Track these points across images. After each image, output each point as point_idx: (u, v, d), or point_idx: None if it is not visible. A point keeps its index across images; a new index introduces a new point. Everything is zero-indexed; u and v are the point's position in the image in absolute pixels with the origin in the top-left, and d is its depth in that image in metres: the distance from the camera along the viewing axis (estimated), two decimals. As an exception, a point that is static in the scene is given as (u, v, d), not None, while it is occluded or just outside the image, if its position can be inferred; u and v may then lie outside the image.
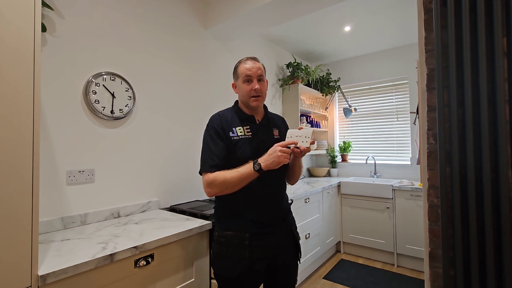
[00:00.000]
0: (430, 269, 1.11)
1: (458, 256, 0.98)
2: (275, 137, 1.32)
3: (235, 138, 1.23)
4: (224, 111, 1.33)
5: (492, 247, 0.92)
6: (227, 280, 1.19)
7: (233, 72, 1.31)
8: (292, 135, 1.19)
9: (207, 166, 1.18)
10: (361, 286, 2.44)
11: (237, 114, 1.29)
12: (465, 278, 0.98)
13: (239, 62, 1.29)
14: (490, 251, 0.92)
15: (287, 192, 1.37)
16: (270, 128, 1.33)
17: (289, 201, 1.38)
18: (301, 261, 1.33)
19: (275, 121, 1.38)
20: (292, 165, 1.32)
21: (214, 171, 1.16)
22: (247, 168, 1.12)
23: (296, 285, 1.35)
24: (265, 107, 1.36)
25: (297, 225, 1.36)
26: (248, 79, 1.23)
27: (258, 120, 1.31)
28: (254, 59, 1.27)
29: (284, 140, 1.18)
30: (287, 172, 1.34)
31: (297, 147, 1.15)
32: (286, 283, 1.30)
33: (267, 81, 1.32)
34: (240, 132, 1.25)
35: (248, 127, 1.26)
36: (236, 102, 1.35)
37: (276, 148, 1.11)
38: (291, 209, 1.38)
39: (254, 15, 2.07)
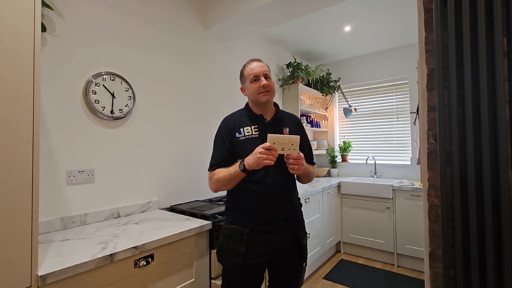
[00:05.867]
0: (430, 269, 1.11)
1: (458, 256, 0.98)
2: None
3: (241, 138, 1.27)
4: (235, 113, 1.38)
5: (492, 247, 0.92)
6: (227, 271, 1.25)
7: (240, 77, 1.36)
8: (275, 141, 1.11)
9: (210, 165, 1.32)
10: (361, 286, 2.44)
11: (246, 114, 1.34)
12: (465, 278, 0.98)
13: (244, 65, 1.34)
14: (490, 251, 0.92)
15: None
16: (280, 127, 1.33)
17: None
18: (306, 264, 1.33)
19: (286, 120, 1.38)
20: None
21: (215, 169, 1.28)
22: (235, 167, 1.21)
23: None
24: (276, 105, 1.39)
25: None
26: (255, 78, 1.28)
27: (267, 119, 1.33)
28: (258, 60, 1.33)
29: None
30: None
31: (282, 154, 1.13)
32: (290, 285, 1.31)
33: (273, 81, 1.36)
34: (248, 132, 1.28)
35: (256, 126, 1.30)
36: (247, 104, 1.39)
37: (257, 149, 1.13)
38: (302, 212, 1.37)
39: (254, 15, 2.07)
